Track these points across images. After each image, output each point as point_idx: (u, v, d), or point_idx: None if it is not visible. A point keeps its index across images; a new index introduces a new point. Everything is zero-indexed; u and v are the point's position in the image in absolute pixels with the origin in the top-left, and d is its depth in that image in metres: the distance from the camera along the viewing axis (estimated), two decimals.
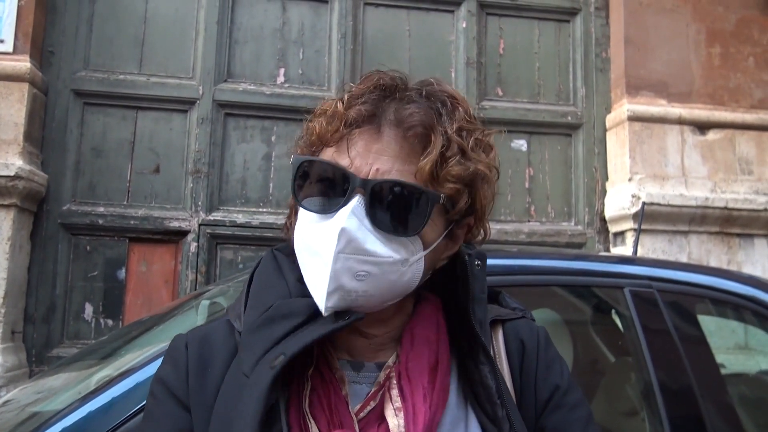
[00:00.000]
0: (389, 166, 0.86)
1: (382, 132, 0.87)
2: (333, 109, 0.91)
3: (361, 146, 0.87)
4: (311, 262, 0.87)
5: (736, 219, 4.00)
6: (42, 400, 1.82)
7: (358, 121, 0.87)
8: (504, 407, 0.90)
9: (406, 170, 0.86)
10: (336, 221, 0.83)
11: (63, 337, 3.62)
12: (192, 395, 0.90)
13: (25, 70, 3.54)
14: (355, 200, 0.84)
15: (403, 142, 0.87)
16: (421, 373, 0.88)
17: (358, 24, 4.20)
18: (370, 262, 0.84)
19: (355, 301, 0.85)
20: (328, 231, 0.84)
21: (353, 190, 0.84)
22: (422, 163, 0.85)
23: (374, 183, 0.84)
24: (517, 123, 4.28)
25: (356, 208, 0.83)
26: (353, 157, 0.86)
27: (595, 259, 2.41)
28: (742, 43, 4.32)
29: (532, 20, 4.44)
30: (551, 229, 4.21)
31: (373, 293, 0.85)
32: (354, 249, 0.83)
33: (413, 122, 0.86)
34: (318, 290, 0.85)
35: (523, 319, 1.06)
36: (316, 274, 0.85)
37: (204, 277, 3.78)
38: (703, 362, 1.93)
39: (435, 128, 0.87)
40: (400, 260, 0.86)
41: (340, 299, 0.84)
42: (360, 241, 0.83)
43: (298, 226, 0.91)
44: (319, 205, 0.88)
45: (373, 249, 0.84)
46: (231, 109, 3.99)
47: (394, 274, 0.86)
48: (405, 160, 0.86)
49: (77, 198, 3.74)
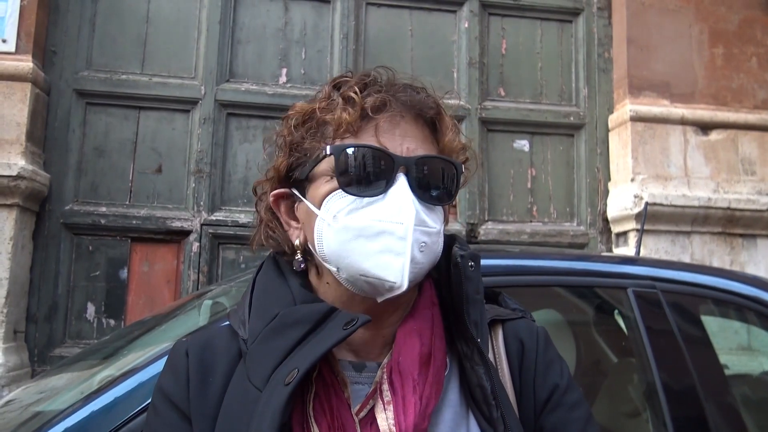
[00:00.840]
0: (416, 145, 0.93)
1: (402, 116, 0.93)
2: (342, 101, 0.94)
3: (387, 131, 0.92)
4: (375, 245, 0.87)
5: (738, 219, 4.00)
6: (44, 399, 1.82)
7: (378, 108, 0.92)
8: (499, 408, 0.90)
9: (428, 148, 0.94)
10: (400, 197, 0.88)
11: (65, 337, 3.62)
12: (193, 405, 0.89)
13: (28, 69, 3.54)
14: (402, 178, 0.89)
15: (417, 124, 0.95)
16: (411, 366, 0.89)
17: (360, 24, 4.20)
18: (427, 233, 0.89)
19: (417, 273, 0.90)
20: (395, 207, 0.87)
21: (398, 169, 0.89)
22: (448, 138, 0.97)
23: (415, 159, 0.91)
24: (519, 123, 4.28)
25: (406, 185, 0.88)
26: (383, 141, 0.91)
27: (598, 260, 2.40)
28: (745, 43, 4.31)
29: (535, 20, 4.44)
30: (553, 230, 4.20)
31: (426, 265, 0.91)
32: (419, 221, 0.88)
33: (427, 104, 0.96)
34: (394, 269, 0.86)
35: (522, 320, 1.06)
36: (387, 253, 0.86)
37: (206, 277, 3.78)
38: (707, 363, 1.93)
39: (442, 108, 0.98)
40: (439, 230, 0.93)
41: (411, 272, 0.87)
42: (420, 212, 0.88)
43: (335, 219, 0.90)
44: (362, 188, 0.89)
45: (428, 220, 0.90)
46: (233, 109, 3.99)
47: (437, 244, 0.93)
48: (425, 139, 0.95)
49: (79, 198, 3.74)
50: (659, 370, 1.80)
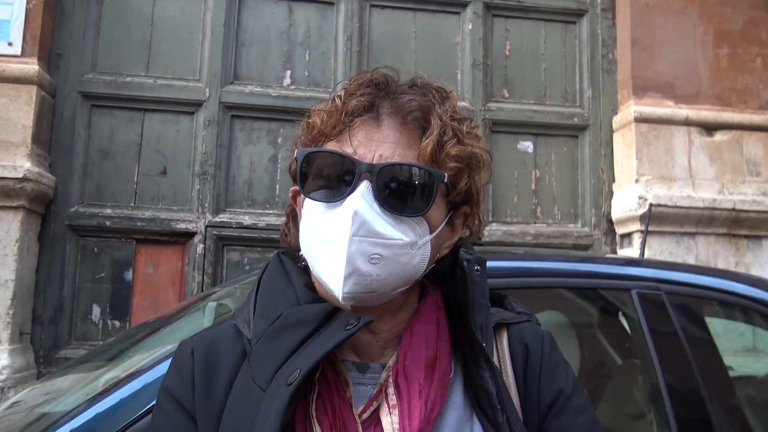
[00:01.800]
0: (392, 151, 0.89)
1: (382, 120, 0.91)
2: (332, 104, 0.94)
3: (362, 136, 0.90)
4: (324, 252, 0.88)
5: (743, 220, 3.99)
6: (50, 401, 1.83)
7: (357, 112, 0.90)
8: (504, 412, 0.90)
9: (408, 155, 0.89)
10: (347, 206, 0.85)
11: (70, 339, 3.63)
12: (198, 404, 0.90)
13: (33, 72, 3.56)
14: (363, 185, 0.86)
15: (402, 129, 0.90)
16: (417, 370, 0.89)
17: (364, 26, 4.20)
18: (381, 244, 0.85)
19: (369, 285, 0.86)
20: (340, 216, 0.85)
21: (360, 176, 0.86)
22: (424, 144, 0.89)
23: (380, 167, 0.87)
24: (523, 125, 4.28)
25: (365, 193, 0.85)
26: (356, 147, 0.89)
27: (602, 261, 2.40)
28: (749, 44, 4.30)
29: (539, 22, 4.44)
30: (557, 231, 4.20)
31: (386, 277, 0.87)
32: (367, 231, 0.85)
33: (411, 107, 0.90)
34: (334, 277, 0.86)
35: (528, 323, 1.06)
36: (330, 261, 0.86)
37: (211, 278, 3.78)
38: (711, 365, 1.92)
39: (432, 112, 0.91)
40: (410, 243, 0.88)
41: (355, 284, 0.85)
42: (371, 223, 0.85)
43: (305, 220, 0.92)
44: (327, 194, 0.89)
45: (384, 231, 0.86)
46: (237, 111, 4.00)
47: (404, 256, 0.88)
48: (405, 145, 0.90)
49: (85, 200, 3.76)
50: (663, 372, 1.79)
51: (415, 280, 0.93)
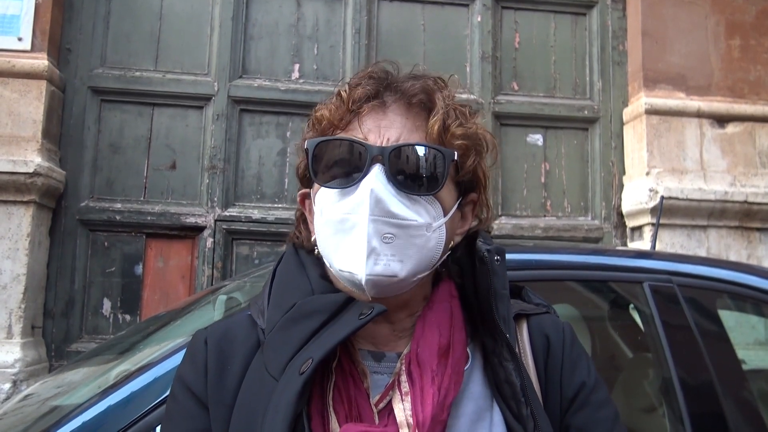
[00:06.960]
0: (399, 134, 0.91)
1: (388, 107, 0.93)
2: (337, 97, 0.96)
3: (370, 123, 0.92)
4: (342, 238, 0.88)
5: (756, 213, 3.95)
6: (62, 394, 1.84)
7: (364, 99, 0.92)
8: (528, 405, 0.89)
9: (415, 137, 0.92)
10: (363, 187, 0.86)
11: (82, 332, 3.66)
12: (211, 393, 0.90)
13: (43, 67, 3.57)
14: (376, 168, 0.87)
15: (408, 114, 0.93)
16: (430, 357, 0.88)
17: (372, 19, 4.19)
18: (395, 224, 0.86)
19: (388, 267, 0.86)
20: (356, 199, 0.86)
21: (372, 160, 0.88)
22: (431, 122, 0.92)
23: (391, 149, 0.88)
24: (533, 117, 4.25)
25: (378, 174, 0.87)
26: (366, 133, 0.91)
27: (614, 254, 2.38)
28: (762, 35, 4.25)
29: (548, 13, 4.40)
30: (568, 224, 4.17)
31: (402, 258, 0.87)
32: (382, 211, 0.85)
33: (415, 90, 0.93)
34: (354, 261, 0.86)
35: (547, 315, 1.05)
36: (350, 244, 0.87)
37: (220, 272, 3.80)
38: (724, 358, 1.91)
39: (436, 94, 0.94)
40: (424, 224, 0.89)
41: (375, 264, 0.85)
42: (387, 203, 0.86)
43: (319, 214, 0.92)
44: (341, 181, 0.90)
45: (399, 212, 0.87)
46: (246, 105, 4.00)
47: (419, 238, 0.88)
48: (411, 128, 0.92)
49: (95, 194, 3.78)
50: (676, 365, 1.78)
51: (433, 266, 0.93)
